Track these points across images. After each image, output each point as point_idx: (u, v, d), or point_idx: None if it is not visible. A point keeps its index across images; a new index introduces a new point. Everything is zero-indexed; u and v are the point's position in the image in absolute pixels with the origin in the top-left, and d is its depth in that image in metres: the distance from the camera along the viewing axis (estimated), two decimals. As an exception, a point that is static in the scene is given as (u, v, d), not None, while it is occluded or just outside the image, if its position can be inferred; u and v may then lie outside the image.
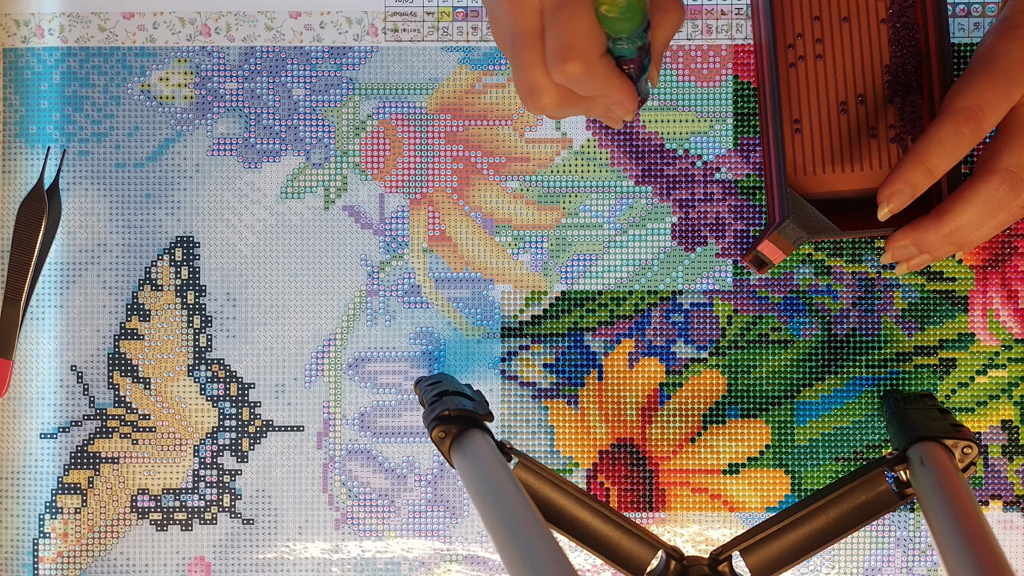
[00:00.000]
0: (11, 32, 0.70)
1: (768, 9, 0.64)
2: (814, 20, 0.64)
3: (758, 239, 0.66)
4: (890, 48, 0.64)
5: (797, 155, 0.64)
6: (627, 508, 0.70)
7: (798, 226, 0.62)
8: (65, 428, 0.70)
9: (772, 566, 0.61)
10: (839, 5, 0.64)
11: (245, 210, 0.70)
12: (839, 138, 0.64)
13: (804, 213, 0.62)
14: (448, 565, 0.70)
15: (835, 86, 0.64)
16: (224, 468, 0.70)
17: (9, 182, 0.70)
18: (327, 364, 0.70)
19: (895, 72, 0.64)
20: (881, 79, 0.64)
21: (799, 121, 0.64)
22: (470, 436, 0.59)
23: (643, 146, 0.70)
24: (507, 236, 0.70)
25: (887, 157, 0.64)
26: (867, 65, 0.64)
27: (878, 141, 0.64)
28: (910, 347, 0.70)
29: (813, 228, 0.62)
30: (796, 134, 0.64)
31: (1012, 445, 0.69)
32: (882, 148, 0.64)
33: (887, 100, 0.64)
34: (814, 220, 0.62)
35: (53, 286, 0.70)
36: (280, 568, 0.70)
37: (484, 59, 0.70)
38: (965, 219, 0.59)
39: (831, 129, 0.64)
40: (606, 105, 0.53)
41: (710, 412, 0.70)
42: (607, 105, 0.53)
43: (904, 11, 0.64)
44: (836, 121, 0.64)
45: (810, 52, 0.64)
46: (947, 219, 0.59)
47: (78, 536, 0.70)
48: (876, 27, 0.64)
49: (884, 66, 0.64)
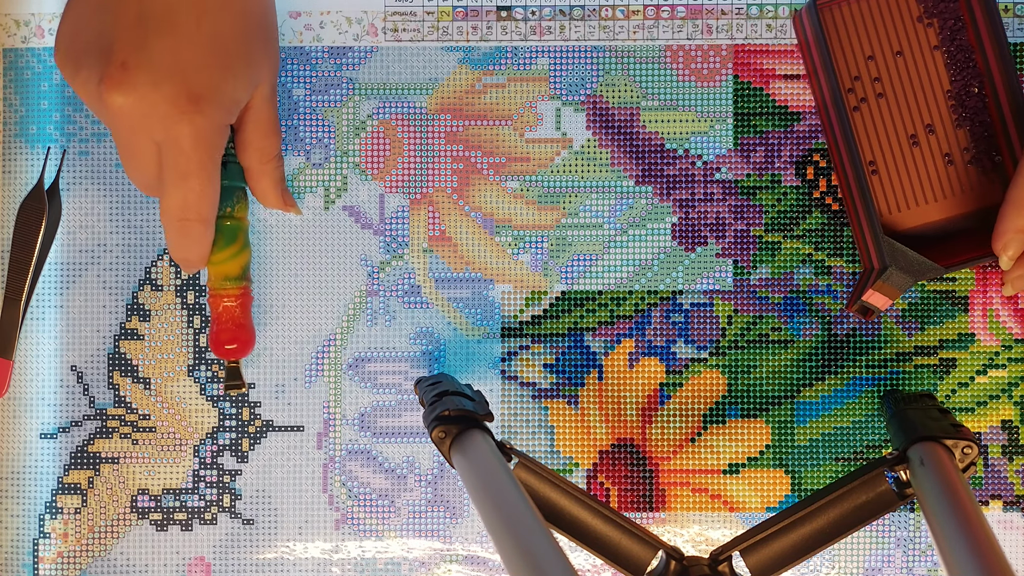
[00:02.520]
0: (11, 32, 0.70)
1: (826, 58, 0.64)
2: (868, 60, 0.65)
3: (858, 287, 0.66)
4: (948, 73, 0.64)
5: (879, 196, 0.65)
6: (627, 508, 0.70)
7: (902, 272, 0.63)
8: (65, 428, 0.70)
9: (772, 566, 0.61)
10: (890, 41, 0.65)
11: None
12: (916, 171, 0.65)
13: (905, 258, 0.63)
14: (448, 565, 0.70)
15: (902, 121, 0.65)
16: (224, 468, 0.70)
17: (9, 182, 0.70)
18: (327, 364, 0.70)
19: (958, 95, 0.64)
20: (946, 105, 0.64)
21: (873, 162, 0.65)
22: (470, 436, 0.59)
23: (643, 146, 0.70)
24: (507, 236, 0.70)
25: (967, 180, 0.65)
26: (929, 94, 0.65)
27: (955, 167, 0.65)
28: (910, 347, 0.70)
29: (916, 271, 0.63)
30: (873, 176, 0.65)
31: (1012, 445, 0.69)
32: (960, 173, 0.65)
33: (956, 125, 0.64)
34: (916, 263, 0.63)
35: (53, 286, 0.70)
36: (280, 568, 0.70)
37: (484, 59, 0.70)
38: None
39: (907, 164, 0.65)
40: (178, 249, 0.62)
41: (710, 412, 0.70)
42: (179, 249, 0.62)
43: (956, 34, 0.64)
44: (910, 155, 0.65)
45: (871, 92, 0.65)
46: None
47: (78, 536, 0.70)
48: (931, 55, 0.64)
49: (946, 91, 0.64)
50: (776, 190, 0.69)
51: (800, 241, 0.69)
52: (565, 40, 0.70)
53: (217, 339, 0.66)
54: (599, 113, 0.70)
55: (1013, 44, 0.69)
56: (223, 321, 0.66)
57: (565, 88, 0.70)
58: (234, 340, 0.66)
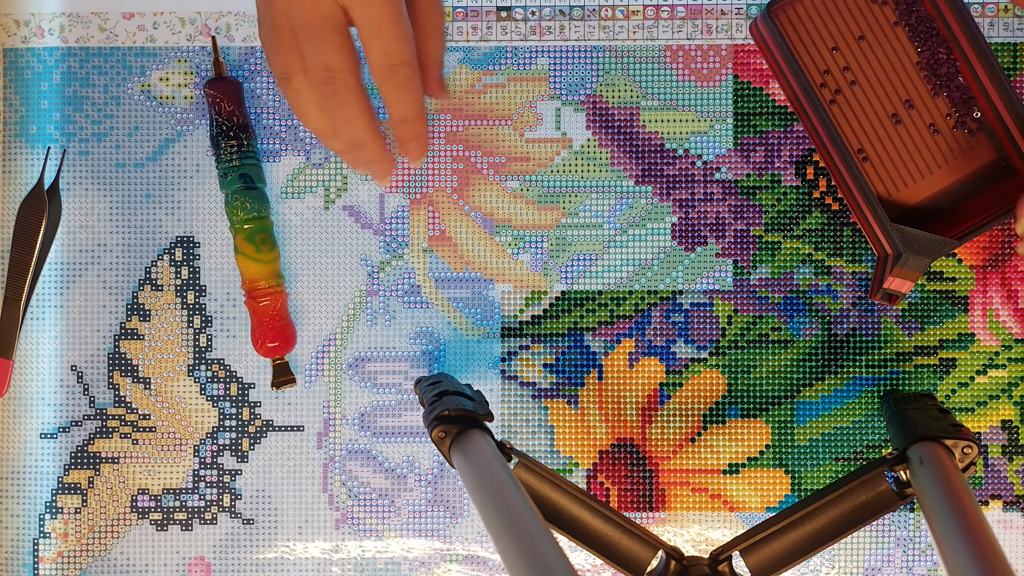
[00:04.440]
0: (11, 32, 0.70)
1: (790, 59, 0.64)
2: (833, 51, 0.65)
3: (876, 274, 0.66)
4: (913, 45, 0.65)
5: (874, 181, 0.65)
6: (627, 508, 0.70)
7: (917, 255, 0.63)
8: (65, 428, 0.70)
9: (772, 566, 0.61)
10: (850, 28, 0.65)
11: (245, 210, 0.70)
12: (906, 149, 0.65)
13: (917, 241, 0.63)
14: (448, 565, 0.70)
15: (880, 103, 0.65)
16: (224, 468, 0.70)
17: (9, 182, 0.70)
18: (327, 364, 0.70)
19: (929, 65, 0.64)
20: (919, 77, 0.65)
21: (862, 150, 0.65)
22: (470, 436, 0.59)
23: (643, 146, 0.70)
24: (507, 236, 0.70)
25: (956, 146, 0.65)
26: (900, 71, 0.65)
27: (942, 135, 0.65)
28: (910, 347, 0.70)
29: (931, 250, 0.62)
30: (865, 163, 0.65)
31: (1012, 445, 0.69)
32: (948, 139, 0.65)
33: (933, 94, 0.65)
34: (929, 243, 0.63)
35: (53, 286, 0.70)
36: (280, 568, 0.70)
37: (484, 59, 0.70)
38: None
39: (895, 144, 0.65)
40: (350, 141, 0.57)
41: (710, 412, 0.70)
42: (351, 142, 0.57)
43: (912, 6, 0.64)
44: (896, 134, 0.65)
45: (843, 82, 0.65)
46: None
47: (78, 536, 0.70)
48: (892, 32, 0.65)
49: (916, 64, 0.65)
50: (776, 190, 0.69)
51: (800, 241, 0.69)
52: (565, 40, 0.70)
53: (260, 339, 0.68)
54: (599, 113, 0.70)
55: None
56: (264, 321, 0.68)
57: (565, 88, 0.70)
58: (276, 338, 0.68)
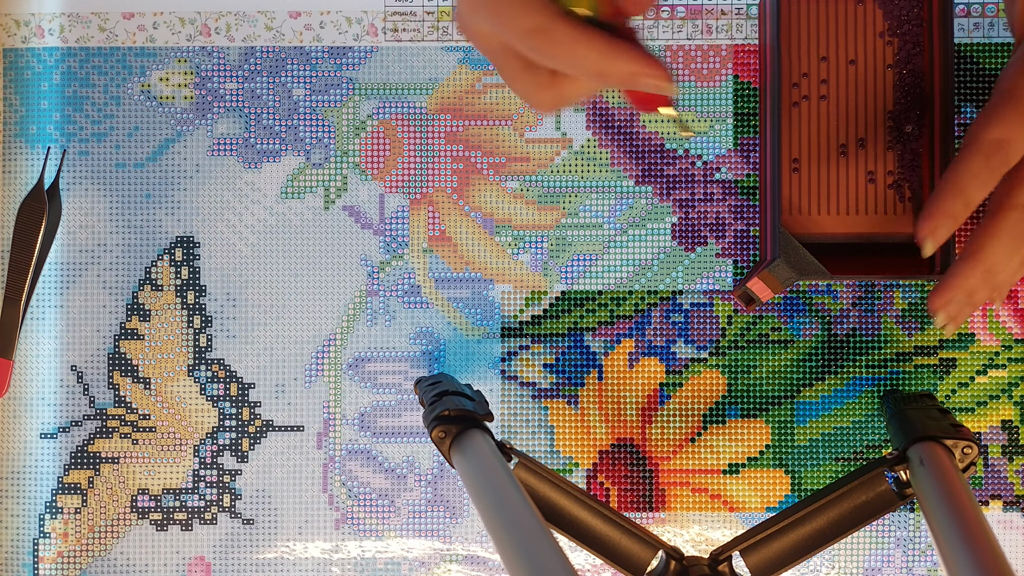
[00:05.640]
0: (11, 32, 0.70)
1: (776, 46, 0.63)
2: (821, 60, 0.64)
3: (748, 274, 0.65)
4: (894, 94, 0.64)
5: (793, 194, 0.64)
6: (627, 508, 0.70)
7: (789, 267, 0.62)
8: (65, 428, 0.70)
9: (772, 566, 0.61)
10: (847, 47, 0.64)
11: (245, 210, 0.70)
12: (836, 180, 0.64)
13: (796, 254, 0.62)
14: (448, 565, 0.70)
15: (837, 128, 0.64)
16: (224, 468, 0.70)
17: (9, 182, 0.70)
18: (327, 364, 0.70)
19: (897, 118, 0.63)
20: (884, 125, 0.64)
21: (798, 160, 0.64)
22: (470, 436, 0.59)
23: (643, 146, 0.70)
24: (507, 236, 0.70)
25: (883, 203, 0.63)
26: (870, 109, 0.64)
27: (875, 186, 0.64)
28: (910, 347, 0.70)
29: (803, 269, 0.61)
30: (794, 173, 0.64)
31: (1012, 445, 0.69)
32: (879, 194, 0.64)
33: (887, 146, 0.64)
34: (805, 261, 0.61)
35: (53, 286, 0.70)
36: (280, 568, 0.70)
37: (484, 59, 0.70)
38: (999, 251, 0.57)
39: (829, 171, 0.64)
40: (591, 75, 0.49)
41: (710, 412, 0.70)
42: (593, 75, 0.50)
43: (912, 58, 0.63)
44: (835, 163, 0.64)
45: (815, 92, 0.64)
46: (982, 256, 0.57)
47: (78, 536, 0.70)
48: (883, 72, 0.64)
49: (887, 112, 0.64)
50: (776, 190, 0.69)
51: (800, 241, 0.69)
52: (565, 40, 0.70)
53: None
54: (599, 113, 0.70)
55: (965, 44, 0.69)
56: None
57: (565, 88, 0.70)
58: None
